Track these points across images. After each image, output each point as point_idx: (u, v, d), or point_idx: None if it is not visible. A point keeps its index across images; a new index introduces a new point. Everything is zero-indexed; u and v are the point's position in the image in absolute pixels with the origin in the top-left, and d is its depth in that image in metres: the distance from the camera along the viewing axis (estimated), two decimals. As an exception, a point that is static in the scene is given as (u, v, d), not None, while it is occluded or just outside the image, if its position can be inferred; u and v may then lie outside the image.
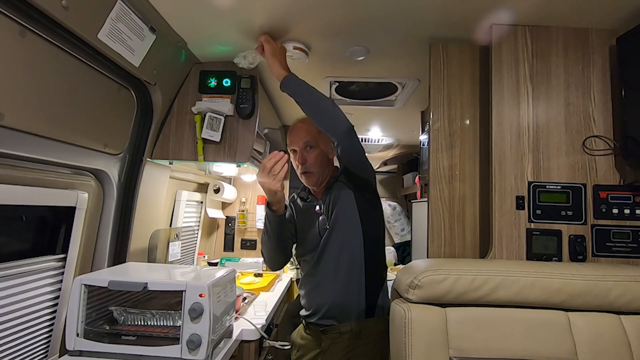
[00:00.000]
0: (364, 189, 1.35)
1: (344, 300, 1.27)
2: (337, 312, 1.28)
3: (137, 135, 1.41)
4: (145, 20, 1.14)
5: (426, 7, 1.15)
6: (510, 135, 1.23)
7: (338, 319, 1.28)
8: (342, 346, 1.25)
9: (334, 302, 1.28)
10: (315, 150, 1.34)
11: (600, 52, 1.24)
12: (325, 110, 1.23)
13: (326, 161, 1.37)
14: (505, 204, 1.21)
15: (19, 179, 0.96)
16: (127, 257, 1.39)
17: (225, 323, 1.18)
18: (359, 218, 1.31)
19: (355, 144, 1.26)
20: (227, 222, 2.66)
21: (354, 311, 1.27)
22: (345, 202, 1.32)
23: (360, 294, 1.28)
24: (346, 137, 1.22)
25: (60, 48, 0.97)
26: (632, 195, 1.19)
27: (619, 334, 0.95)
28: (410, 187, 3.30)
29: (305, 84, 1.26)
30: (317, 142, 1.35)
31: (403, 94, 1.95)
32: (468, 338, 0.96)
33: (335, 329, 1.28)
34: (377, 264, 1.35)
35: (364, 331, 1.25)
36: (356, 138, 1.26)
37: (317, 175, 1.35)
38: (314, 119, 1.25)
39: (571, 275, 0.99)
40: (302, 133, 1.35)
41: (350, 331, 1.25)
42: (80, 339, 1.03)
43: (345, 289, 1.28)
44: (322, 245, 1.32)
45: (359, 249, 1.30)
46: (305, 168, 1.34)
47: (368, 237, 1.32)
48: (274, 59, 1.26)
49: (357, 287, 1.28)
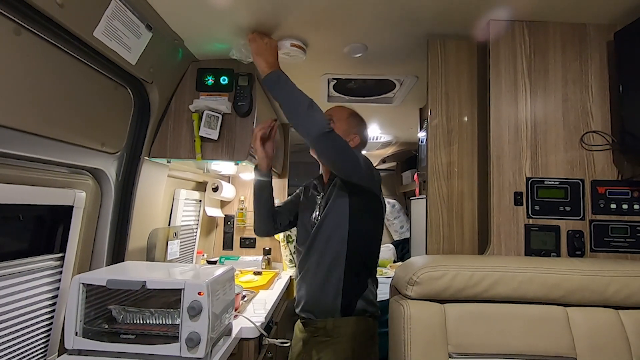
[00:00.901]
0: (359, 193, 1.29)
1: (320, 296, 1.27)
2: (314, 307, 1.29)
3: (135, 134, 1.41)
4: (142, 17, 1.14)
5: (424, 4, 1.15)
6: (508, 131, 1.23)
7: (315, 314, 1.29)
8: (318, 341, 1.27)
9: (312, 297, 1.29)
10: (334, 126, 1.31)
11: (598, 47, 1.24)
12: (299, 112, 1.17)
13: None
14: (504, 200, 1.22)
15: (16, 178, 0.96)
16: (125, 256, 1.39)
17: (224, 321, 1.18)
18: (348, 219, 1.27)
19: (330, 150, 1.17)
20: (226, 221, 2.66)
21: (329, 308, 1.26)
22: (338, 201, 1.29)
23: (338, 292, 1.25)
24: (317, 142, 1.16)
25: (56, 46, 0.96)
26: (630, 190, 1.19)
27: (617, 329, 0.96)
28: (409, 184, 3.31)
29: (284, 83, 1.21)
30: (341, 120, 1.37)
31: (401, 91, 1.94)
32: (467, 334, 0.97)
33: (313, 323, 1.30)
34: (361, 267, 1.30)
35: (337, 330, 1.24)
36: (333, 143, 1.16)
37: None
38: (289, 120, 1.21)
39: (569, 270, 1.00)
40: (334, 109, 1.42)
41: (324, 327, 1.26)
42: (79, 338, 1.03)
43: (323, 286, 1.27)
44: (311, 239, 1.32)
45: (342, 249, 1.27)
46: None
47: (355, 240, 1.27)
48: (258, 58, 1.26)
49: (335, 285, 1.26)
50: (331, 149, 1.17)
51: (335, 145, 1.17)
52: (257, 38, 1.28)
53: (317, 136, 1.14)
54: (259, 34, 1.30)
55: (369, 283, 1.31)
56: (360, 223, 1.29)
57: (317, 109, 1.19)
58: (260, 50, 1.26)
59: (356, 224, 1.28)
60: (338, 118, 1.39)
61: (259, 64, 1.26)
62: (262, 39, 1.28)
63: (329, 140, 1.15)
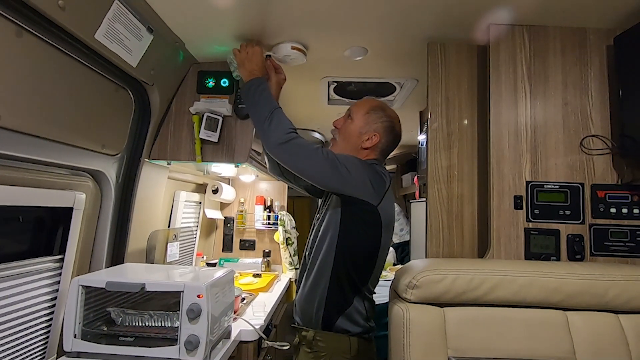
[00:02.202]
0: (349, 201, 1.13)
1: (305, 305, 1.20)
2: (301, 314, 1.23)
3: (135, 136, 1.41)
4: (143, 20, 1.14)
5: (424, 7, 1.15)
6: (508, 135, 1.23)
7: (302, 321, 1.23)
8: (303, 350, 1.20)
9: (300, 304, 1.23)
10: (351, 123, 1.25)
11: (598, 51, 1.24)
12: (259, 123, 1.18)
13: (355, 140, 1.23)
14: (504, 203, 1.22)
15: (16, 180, 0.96)
16: (125, 258, 1.38)
17: (223, 324, 1.18)
18: (338, 230, 1.14)
19: (290, 160, 1.12)
20: (225, 223, 2.66)
21: (312, 319, 1.18)
22: (332, 209, 1.17)
23: (320, 305, 1.16)
24: (274, 154, 1.14)
25: (57, 48, 0.96)
26: (630, 195, 1.19)
27: (617, 333, 0.95)
28: (409, 187, 3.30)
29: (253, 92, 1.22)
30: (359, 117, 1.24)
31: (401, 94, 1.95)
32: (466, 338, 0.96)
33: (299, 331, 1.23)
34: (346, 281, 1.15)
35: (316, 342, 1.16)
36: (291, 152, 1.11)
37: (338, 146, 1.27)
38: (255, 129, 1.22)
39: (569, 274, 1.00)
40: (358, 103, 1.30)
41: (306, 337, 1.18)
42: (77, 340, 1.03)
43: (309, 295, 1.19)
44: (310, 244, 1.25)
45: (329, 261, 1.15)
46: (333, 131, 1.31)
47: (342, 252, 1.14)
48: (241, 68, 1.31)
49: (319, 297, 1.16)
50: (291, 158, 1.12)
51: (296, 153, 1.11)
52: (241, 49, 1.31)
53: (271, 148, 1.13)
54: (244, 45, 1.31)
55: (355, 300, 1.16)
56: (350, 235, 1.14)
57: (277, 118, 1.16)
58: (243, 61, 1.30)
59: (345, 236, 1.14)
60: (355, 113, 1.26)
61: (242, 74, 1.30)
62: (244, 49, 1.30)
63: (286, 152, 1.11)
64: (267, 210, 2.64)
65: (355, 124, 1.24)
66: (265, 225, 2.61)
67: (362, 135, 1.23)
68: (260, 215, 2.61)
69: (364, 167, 1.16)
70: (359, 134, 1.23)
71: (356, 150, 1.23)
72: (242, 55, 1.30)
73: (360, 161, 1.17)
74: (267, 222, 2.61)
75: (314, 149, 1.12)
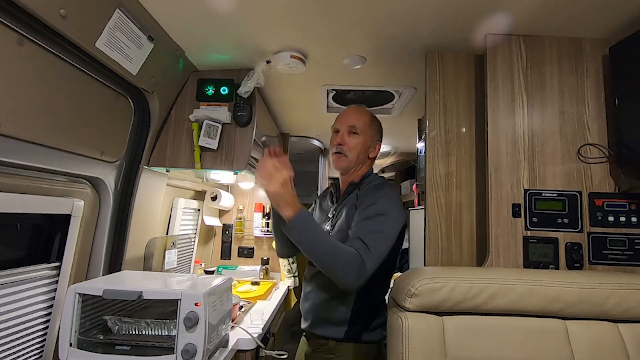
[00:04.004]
0: None
1: (326, 315, 1.20)
2: (319, 323, 1.22)
3: (135, 143, 1.41)
4: (143, 29, 1.15)
5: (422, 17, 1.17)
6: (505, 143, 1.24)
7: (320, 330, 1.22)
8: (322, 356, 1.21)
9: (317, 314, 1.23)
10: (358, 138, 1.25)
11: (594, 61, 1.25)
12: (323, 259, 1.04)
13: (364, 154, 1.27)
14: (502, 211, 1.22)
15: (14, 187, 0.96)
16: (122, 265, 1.38)
17: (221, 332, 1.17)
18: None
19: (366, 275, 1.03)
20: (224, 230, 2.65)
21: (335, 330, 1.19)
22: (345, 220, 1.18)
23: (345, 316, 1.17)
24: (354, 285, 1.03)
25: (58, 56, 0.97)
26: (628, 203, 1.20)
27: (616, 342, 0.95)
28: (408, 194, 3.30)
29: (307, 231, 1.06)
30: (364, 131, 1.25)
31: (400, 102, 1.96)
32: (465, 347, 0.96)
33: (315, 339, 1.24)
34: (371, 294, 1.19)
35: (339, 348, 1.18)
36: (365, 272, 1.02)
37: (349, 162, 1.25)
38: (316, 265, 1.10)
39: (568, 283, 0.99)
40: (353, 116, 1.27)
41: (327, 345, 1.19)
42: (73, 349, 1.02)
43: (329, 305, 1.19)
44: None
45: None
46: (340, 149, 1.25)
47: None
48: (276, 204, 1.09)
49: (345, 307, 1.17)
50: (368, 271, 1.03)
51: (369, 269, 1.03)
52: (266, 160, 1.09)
53: (350, 282, 1.02)
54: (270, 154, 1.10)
55: (380, 308, 1.21)
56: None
57: (338, 253, 1.03)
58: (276, 197, 1.07)
59: None
60: (361, 129, 1.25)
61: (274, 201, 1.09)
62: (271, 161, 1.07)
63: (363, 271, 1.02)
64: (265, 217, 2.63)
65: (364, 138, 1.26)
66: (264, 232, 2.60)
67: (369, 148, 1.29)
68: (259, 222, 2.61)
69: (398, 202, 1.18)
70: (367, 148, 1.28)
71: (364, 162, 1.30)
72: (271, 169, 1.07)
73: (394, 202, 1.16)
74: (265, 230, 2.60)
75: (376, 259, 1.05)
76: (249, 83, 1.47)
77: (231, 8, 1.13)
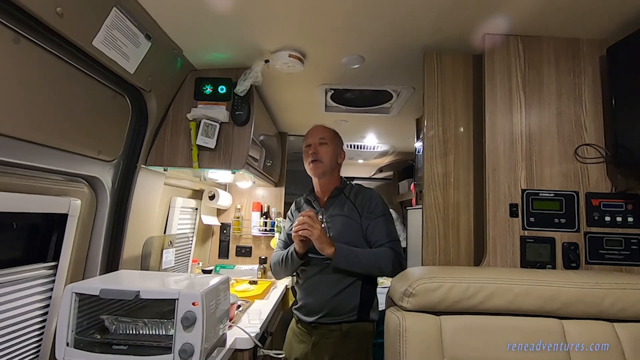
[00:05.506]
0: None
1: (339, 302, 1.36)
2: (330, 311, 1.36)
3: (132, 142, 1.41)
4: (141, 27, 1.15)
5: (420, 17, 1.17)
6: (503, 143, 1.24)
7: (333, 319, 1.36)
8: (331, 342, 1.35)
9: (331, 306, 1.36)
10: (327, 147, 1.48)
11: (591, 62, 1.26)
12: (371, 267, 1.34)
13: (335, 160, 1.51)
14: (499, 211, 1.22)
15: (11, 186, 0.95)
16: (120, 264, 1.37)
17: (218, 332, 1.17)
18: (363, 239, 1.39)
19: (404, 258, 1.36)
20: (222, 229, 2.65)
21: (346, 314, 1.36)
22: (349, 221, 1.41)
23: (356, 300, 1.36)
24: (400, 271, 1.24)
25: (55, 55, 0.96)
26: (624, 203, 1.20)
27: (612, 342, 0.95)
28: (406, 193, 3.31)
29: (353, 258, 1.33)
30: (331, 141, 1.50)
31: (398, 101, 1.96)
32: (463, 346, 0.96)
33: (325, 327, 1.37)
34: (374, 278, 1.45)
35: (352, 331, 1.35)
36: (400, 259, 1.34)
37: (325, 167, 1.47)
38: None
39: (565, 283, 1.00)
40: (319, 131, 1.52)
41: (340, 329, 1.34)
42: (70, 349, 1.02)
43: (341, 293, 1.36)
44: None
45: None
46: (315, 157, 1.47)
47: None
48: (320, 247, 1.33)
49: (355, 294, 1.37)
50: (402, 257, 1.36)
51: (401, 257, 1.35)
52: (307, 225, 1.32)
53: (391, 270, 1.32)
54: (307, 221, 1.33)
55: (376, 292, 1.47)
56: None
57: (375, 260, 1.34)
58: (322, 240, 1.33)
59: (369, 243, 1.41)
60: (329, 139, 1.50)
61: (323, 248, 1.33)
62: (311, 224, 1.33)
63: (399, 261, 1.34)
64: (263, 216, 2.63)
65: (333, 148, 1.50)
66: (262, 231, 2.60)
67: (337, 155, 1.52)
68: (257, 221, 2.61)
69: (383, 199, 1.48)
70: (337, 155, 1.52)
71: (336, 167, 1.53)
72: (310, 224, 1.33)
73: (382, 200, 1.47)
74: (263, 229, 2.60)
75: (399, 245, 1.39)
76: (245, 81, 1.47)
77: (229, 7, 1.13)
